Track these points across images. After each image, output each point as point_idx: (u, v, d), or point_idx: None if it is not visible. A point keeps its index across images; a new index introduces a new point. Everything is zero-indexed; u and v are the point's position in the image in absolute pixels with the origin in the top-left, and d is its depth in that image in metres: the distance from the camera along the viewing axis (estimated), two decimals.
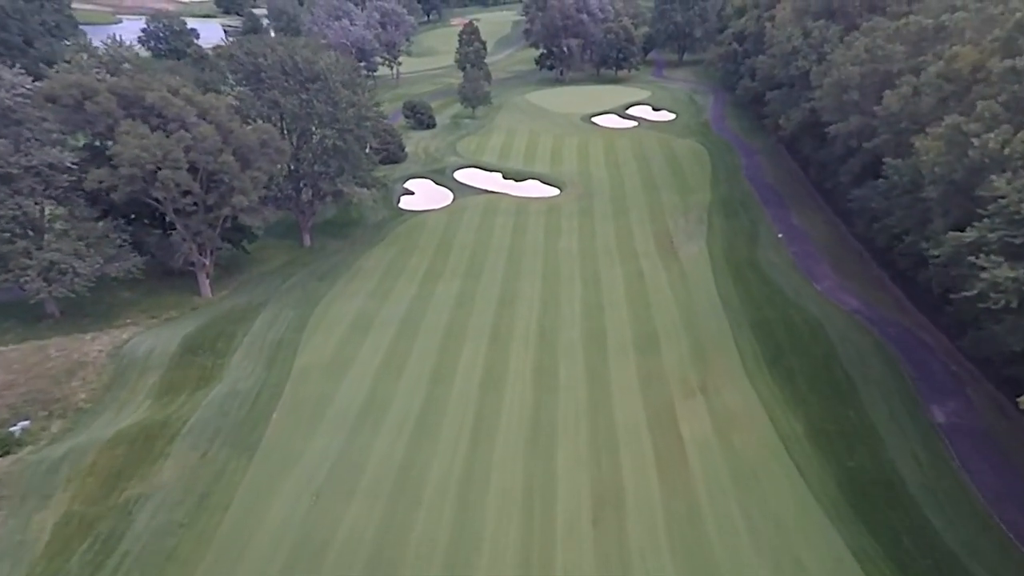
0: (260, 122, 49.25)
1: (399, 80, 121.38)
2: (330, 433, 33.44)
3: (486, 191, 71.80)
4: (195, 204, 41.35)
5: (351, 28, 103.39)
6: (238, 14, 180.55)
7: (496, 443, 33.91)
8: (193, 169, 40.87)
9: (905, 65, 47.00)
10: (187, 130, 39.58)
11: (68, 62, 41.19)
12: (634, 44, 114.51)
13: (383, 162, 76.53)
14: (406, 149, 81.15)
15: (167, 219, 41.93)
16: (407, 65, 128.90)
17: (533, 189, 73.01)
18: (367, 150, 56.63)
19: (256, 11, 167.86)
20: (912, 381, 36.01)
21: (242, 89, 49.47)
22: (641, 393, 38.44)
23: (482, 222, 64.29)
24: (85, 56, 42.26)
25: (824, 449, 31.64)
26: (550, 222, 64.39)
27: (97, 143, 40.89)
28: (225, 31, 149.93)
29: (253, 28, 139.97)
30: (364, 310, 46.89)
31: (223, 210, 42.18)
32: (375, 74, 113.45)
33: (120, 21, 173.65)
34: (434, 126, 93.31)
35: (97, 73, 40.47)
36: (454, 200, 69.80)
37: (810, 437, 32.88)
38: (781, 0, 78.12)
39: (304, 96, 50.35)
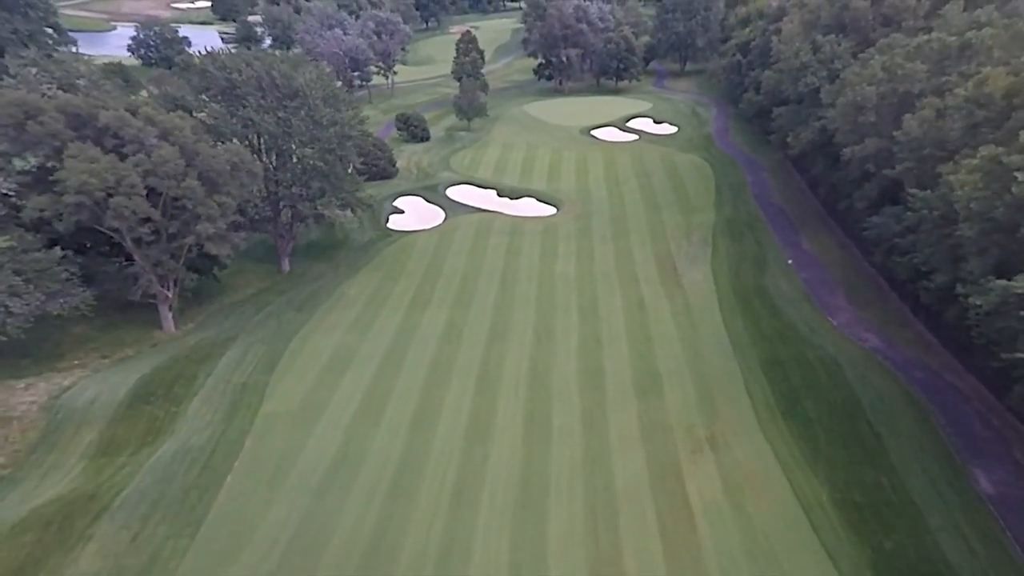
0: (235, 141, 45.50)
1: (394, 90, 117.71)
2: (293, 498, 29.34)
3: (479, 210, 67.92)
4: (155, 233, 37.37)
5: (344, 37, 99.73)
6: (235, 21, 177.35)
7: (480, 509, 29.83)
8: (154, 195, 36.96)
9: (927, 86, 43.24)
10: (146, 153, 35.66)
11: (13, 76, 37.42)
12: (635, 54, 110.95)
13: (372, 178, 72.69)
14: (397, 164, 77.34)
15: (125, 248, 37.86)
16: (403, 74, 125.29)
17: (529, 208, 69.13)
18: (350, 170, 52.69)
19: (252, 19, 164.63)
20: (948, 438, 31.92)
21: (215, 106, 45.57)
22: (643, 446, 34.39)
23: (474, 244, 60.38)
24: (34, 71, 38.46)
25: (854, 524, 27.51)
26: (546, 244, 60.47)
27: (50, 164, 36.97)
28: (222, 38, 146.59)
29: (247, 36, 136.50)
30: (343, 345, 42.85)
31: (187, 239, 38.17)
32: (369, 84, 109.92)
33: (114, 28, 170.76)
34: (428, 139, 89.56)
35: (48, 89, 36.68)
36: (446, 219, 65.90)
37: (836, 507, 28.75)
38: (788, 13, 74.46)
39: (281, 114, 46.47)
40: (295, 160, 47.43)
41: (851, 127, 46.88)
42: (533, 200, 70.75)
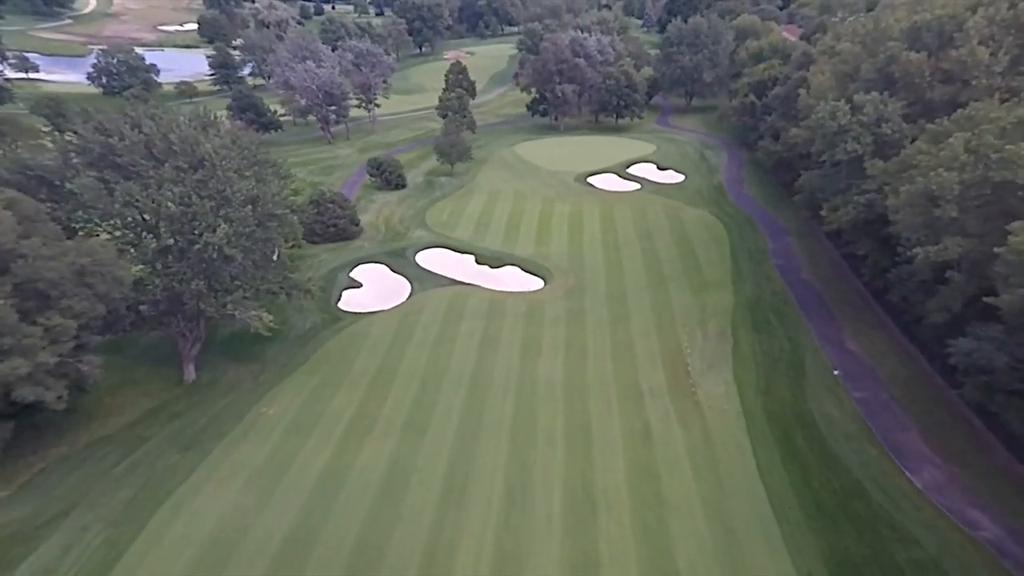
0: (117, 224, 33.29)
1: (375, 124, 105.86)
2: None
3: (453, 281, 55.49)
4: None
5: (317, 71, 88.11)
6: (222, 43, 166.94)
7: None
8: None
9: None
10: None
11: None
12: (636, 90, 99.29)
13: (329, 240, 60.62)
14: (363, 221, 65.05)
15: None
16: (389, 105, 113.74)
17: (511, 279, 56.65)
18: (276, 256, 40.21)
19: (237, 42, 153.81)
20: None
21: (86, 179, 33.28)
22: None
23: (442, 331, 47.88)
24: None
25: None
26: (529, 332, 47.95)
27: None
28: (209, 62, 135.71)
29: (224, 63, 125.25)
30: (233, 515, 30.01)
31: None
32: (347, 118, 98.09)
33: (92, 52, 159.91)
34: (403, 186, 77.39)
35: None
36: (411, 295, 53.42)
37: None
38: (815, 60, 62.28)
39: (180, 189, 34.14)
40: (197, 247, 34.94)
41: (922, 221, 34.47)
42: (517, 270, 58.28)
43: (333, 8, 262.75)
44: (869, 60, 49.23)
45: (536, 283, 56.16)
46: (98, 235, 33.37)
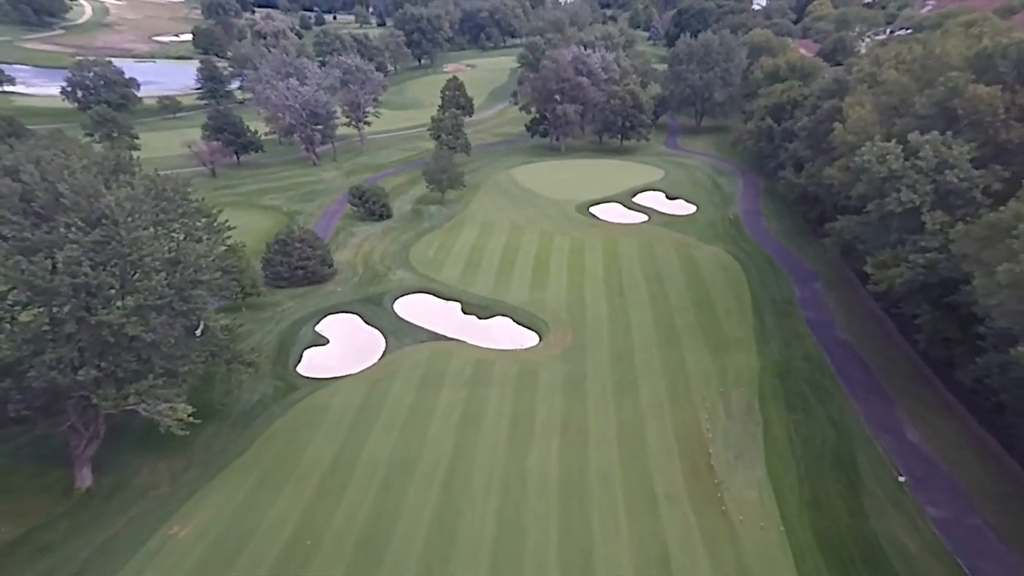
0: None
1: (365, 144, 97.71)
2: None
3: (435, 335, 47.06)
4: None
5: (300, 89, 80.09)
6: (216, 55, 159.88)
7: None
8: None
9: None
10: None
11: None
12: (643, 111, 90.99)
13: (296, 284, 52.27)
14: (338, 260, 56.74)
15: None
16: (383, 122, 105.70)
17: (502, 334, 48.16)
18: (200, 331, 31.72)
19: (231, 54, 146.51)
20: None
21: None
22: None
23: (416, 405, 39.38)
24: None
25: None
26: (519, 405, 39.47)
27: None
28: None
29: (211, 75, 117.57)
30: None
31: None
32: (334, 138, 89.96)
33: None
34: (388, 216, 69.09)
35: None
36: (384, 354, 44.98)
37: None
38: (851, 88, 53.51)
39: (67, 253, 25.87)
40: (92, 324, 26.64)
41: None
42: (509, 321, 49.78)
43: (335, 18, 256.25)
44: (924, 93, 40.73)
45: (530, 338, 47.67)
46: None
